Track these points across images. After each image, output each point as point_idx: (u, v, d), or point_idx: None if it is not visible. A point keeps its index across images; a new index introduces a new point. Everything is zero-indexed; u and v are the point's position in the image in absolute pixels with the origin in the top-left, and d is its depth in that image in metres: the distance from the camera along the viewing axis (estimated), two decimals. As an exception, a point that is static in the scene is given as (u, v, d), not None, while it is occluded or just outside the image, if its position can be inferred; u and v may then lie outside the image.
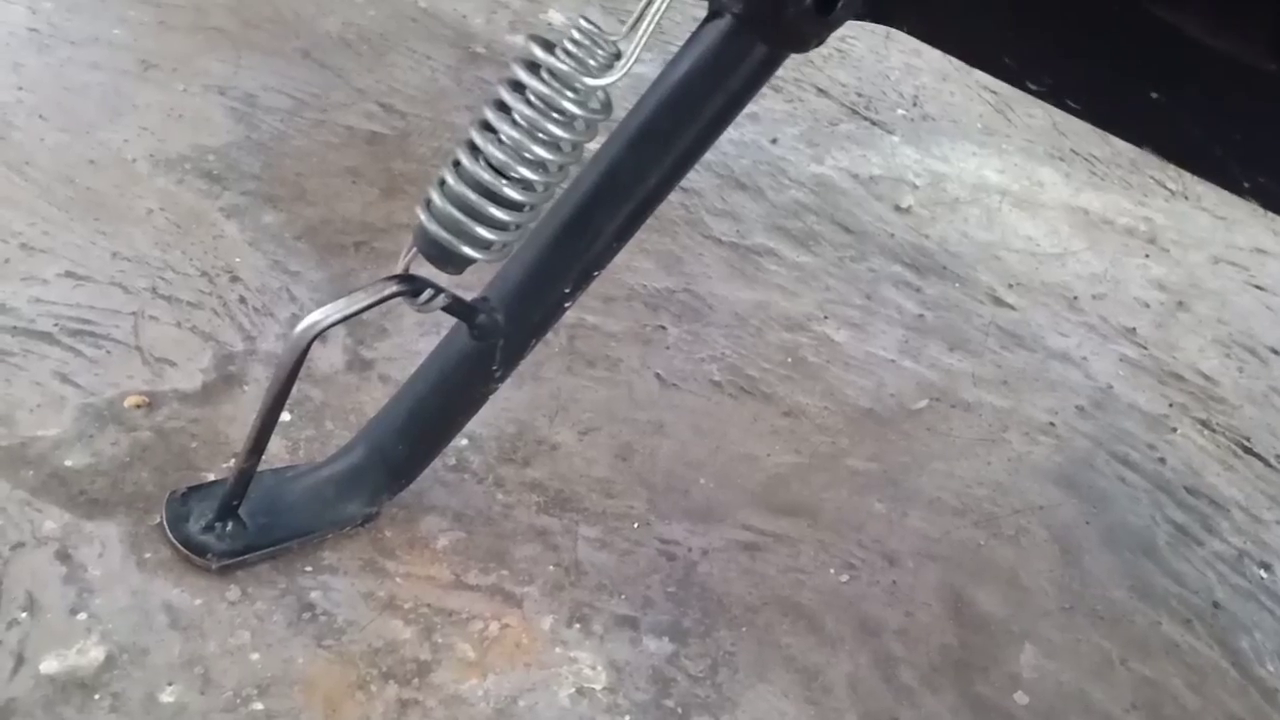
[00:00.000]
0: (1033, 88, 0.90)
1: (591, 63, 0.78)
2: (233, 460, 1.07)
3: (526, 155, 0.81)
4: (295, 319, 1.28)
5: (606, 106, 0.83)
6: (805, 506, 1.23)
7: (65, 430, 1.05)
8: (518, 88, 0.80)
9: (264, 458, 0.96)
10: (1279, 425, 1.59)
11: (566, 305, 0.97)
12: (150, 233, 1.33)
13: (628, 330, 1.42)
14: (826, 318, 1.55)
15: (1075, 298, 1.76)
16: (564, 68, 0.78)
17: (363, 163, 1.60)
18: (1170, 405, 1.57)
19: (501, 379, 1.01)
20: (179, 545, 0.95)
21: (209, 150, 1.51)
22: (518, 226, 0.85)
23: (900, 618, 1.13)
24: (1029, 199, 2.02)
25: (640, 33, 0.77)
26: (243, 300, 1.28)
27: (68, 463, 1.02)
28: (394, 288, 0.87)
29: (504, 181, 0.82)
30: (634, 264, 1.53)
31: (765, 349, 1.46)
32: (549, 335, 1.07)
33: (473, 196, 0.82)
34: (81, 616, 0.90)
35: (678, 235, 1.63)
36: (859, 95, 2.23)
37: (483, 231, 0.83)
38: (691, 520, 1.17)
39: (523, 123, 0.80)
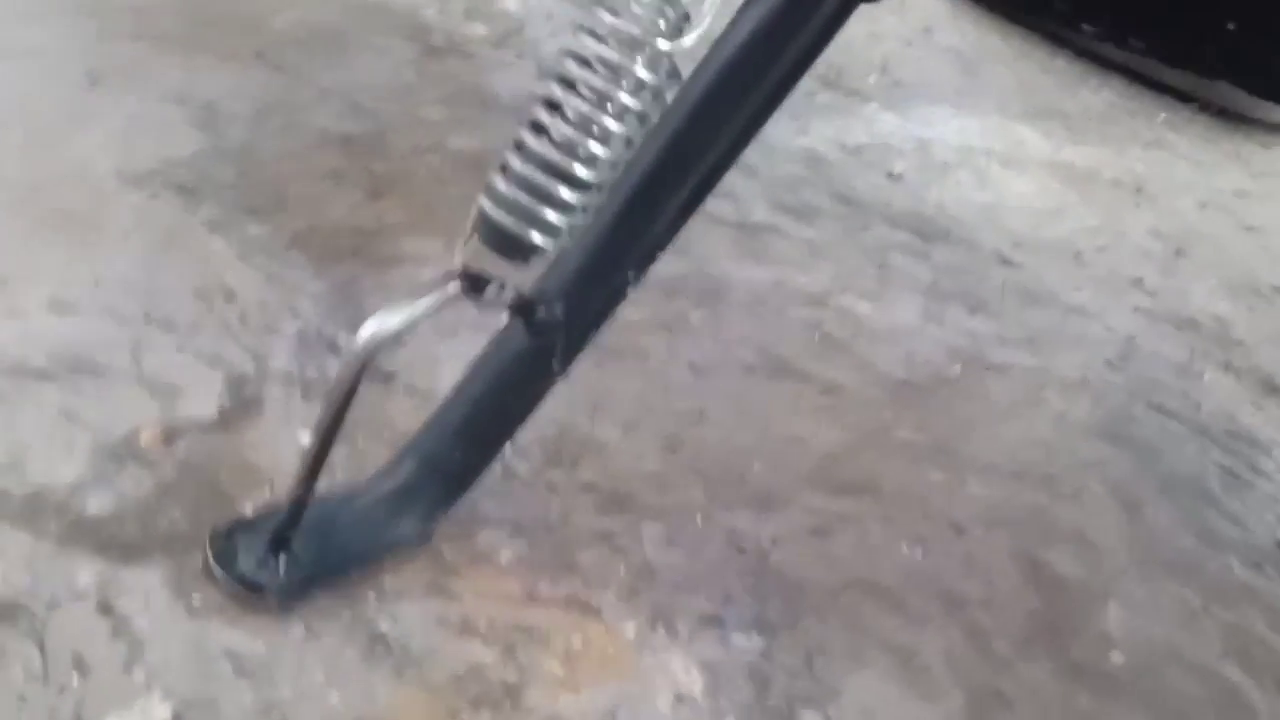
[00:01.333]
0: (1089, 29, 0.89)
1: (661, 24, 0.74)
2: (268, 489, 1.00)
3: (594, 129, 0.76)
4: (303, 333, 1.22)
5: (675, 73, 0.79)
6: (864, 483, 1.21)
7: (81, 473, 0.97)
8: (582, 59, 0.75)
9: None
10: (1297, 362, 1.63)
11: (629, 290, 0.93)
12: (132, 253, 1.25)
13: (650, 319, 1.38)
14: (844, 290, 1.53)
15: (1079, 252, 1.78)
16: (634, 31, 0.73)
17: (341, 165, 1.53)
18: (1192, 351, 1.59)
19: (561, 374, 0.96)
20: (234, 584, 0.89)
21: (178, 163, 1.43)
22: (586, 209, 0.80)
23: (981, 588, 1.11)
24: (1015, 158, 2.04)
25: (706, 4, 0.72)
26: (244, 319, 1.21)
27: (91, 508, 0.94)
28: (457, 285, 0.82)
29: (573, 160, 0.77)
30: (642, 250, 1.49)
31: (790, 327, 1.43)
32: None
33: (540, 178, 0.77)
34: (138, 673, 0.83)
35: (680, 218, 1.60)
36: (828, 65, 2.22)
37: (552, 216, 0.78)
38: (754, 508, 1.14)
39: (590, 95, 0.76)
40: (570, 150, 0.77)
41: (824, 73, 2.18)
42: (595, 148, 0.76)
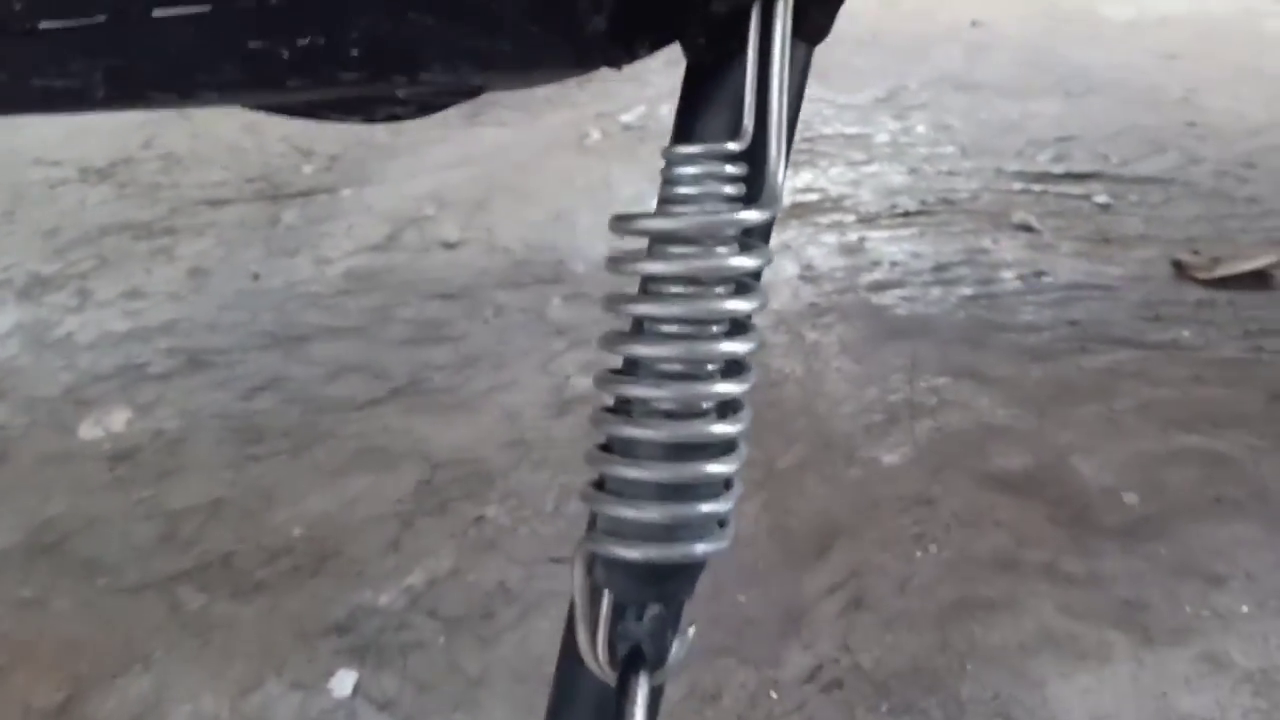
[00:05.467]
0: None
1: (730, 190, 0.57)
2: None
3: (714, 363, 0.57)
4: None
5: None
6: (842, 528, 1.16)
7: None
8: (655, 286, 0.56)
9: None
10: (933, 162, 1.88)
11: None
12: None
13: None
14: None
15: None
16: (717, 218, 0.56)
17: None
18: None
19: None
20: None
21: None
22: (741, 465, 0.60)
23: (1002, 534, 1.14)
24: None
25: (773, 121, 0.57)
26: None
27: None
28: (647, 681, 0.59)
29: (709, 420, 0.57)
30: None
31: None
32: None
33: (683, 467, 0.56)
34: None
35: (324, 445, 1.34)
36: (262, 182, 1.99)
37: (715, 505, 0.58)
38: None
39: (694, 323, 0.56)
40: (699, 409, 0.57)
41: (262, 190, 1.96)
42: (728, 386, 0.56)
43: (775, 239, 1.72)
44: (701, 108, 0.59)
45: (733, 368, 0.57)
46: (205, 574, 1.14)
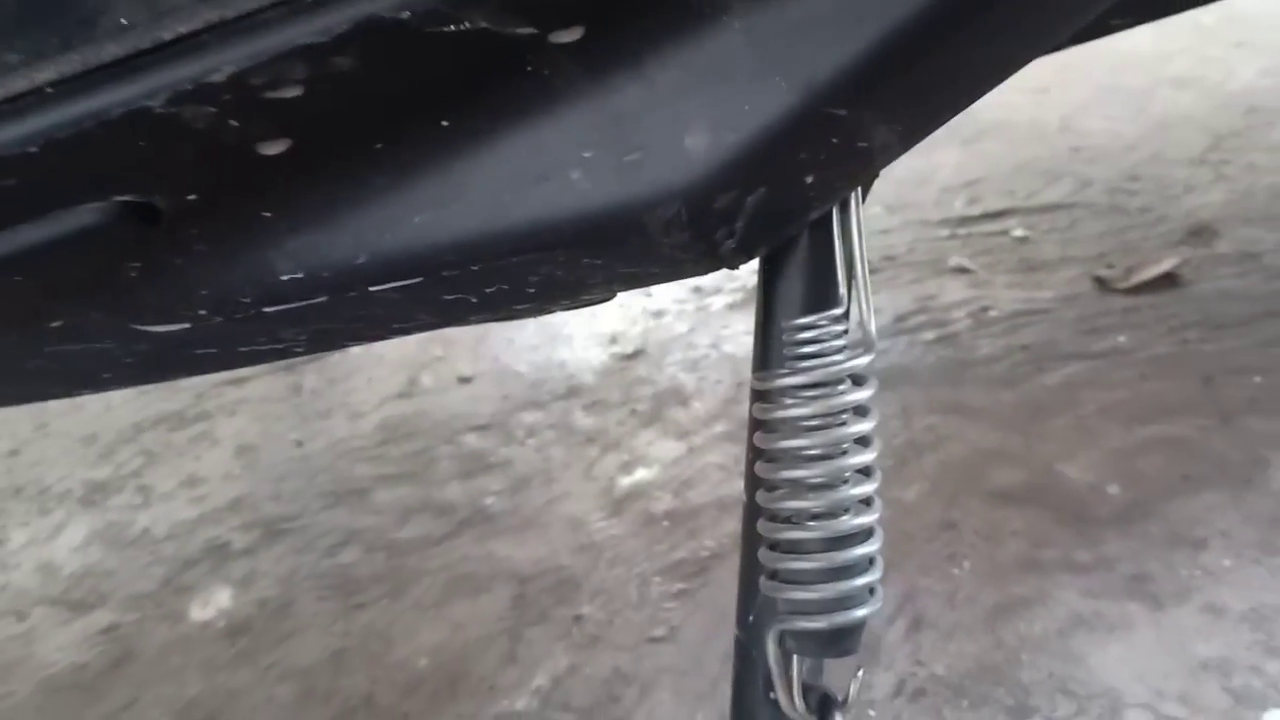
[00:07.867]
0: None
1: (839, 343, 0.77)
2: None
3: (850, 472, 0.77)
4: None
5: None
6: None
7: None
8: (796, 423, 0.75)
9: None
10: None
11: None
12: None
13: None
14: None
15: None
16: (839, 367, 0.75)
17: None
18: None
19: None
20: None
21: None
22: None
23: (998, 545, 1.33)
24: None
25: (859, 283, 0.77)
26: None
27: None
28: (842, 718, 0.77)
29: (851, 515, 0.77)
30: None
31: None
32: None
33: (843, 554, 0.76)
34: None
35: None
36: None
37: (869, 578, 0.78)
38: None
39: (825, 449, 0.76)
40: (844, 509, 0.76)
41: (275, 362, 2.11)
42: (866, 487, 0.76)
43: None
44: (800, 282, 0.78)
45: (863, 473, 0.77)
46: (354, 717, 1.29)
